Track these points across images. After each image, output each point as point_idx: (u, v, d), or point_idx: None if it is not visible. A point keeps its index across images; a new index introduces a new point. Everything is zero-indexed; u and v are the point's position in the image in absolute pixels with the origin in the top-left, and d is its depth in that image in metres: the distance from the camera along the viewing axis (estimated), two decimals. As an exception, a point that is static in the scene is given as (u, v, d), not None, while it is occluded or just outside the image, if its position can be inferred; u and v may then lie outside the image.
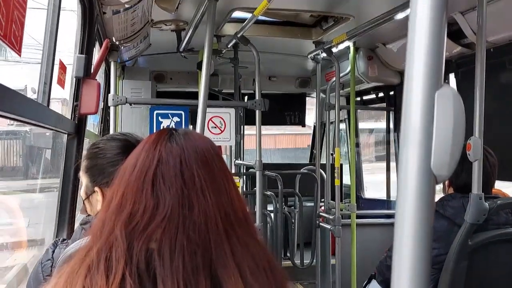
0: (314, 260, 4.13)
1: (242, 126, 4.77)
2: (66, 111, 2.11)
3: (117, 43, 2.82)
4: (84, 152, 1.42)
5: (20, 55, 1.00)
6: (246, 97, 5.21)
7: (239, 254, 0.80)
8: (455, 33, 3.01)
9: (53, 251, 1.30)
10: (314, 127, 6.18)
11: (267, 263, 0.84)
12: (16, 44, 0.96)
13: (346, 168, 5.21)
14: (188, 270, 0.76)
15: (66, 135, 2.05)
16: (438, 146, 0.51)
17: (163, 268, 0.75)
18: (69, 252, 1.02)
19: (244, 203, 0.89)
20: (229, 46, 3.71)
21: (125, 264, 0.75)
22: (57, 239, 1.38)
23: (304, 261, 4.52)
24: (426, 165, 0.51)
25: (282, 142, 17.52)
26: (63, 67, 1.80)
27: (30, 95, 1.62)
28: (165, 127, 3.45)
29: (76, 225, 2.09)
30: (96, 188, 1.31)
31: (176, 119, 3.52)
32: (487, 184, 2.17)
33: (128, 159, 0.86)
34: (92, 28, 2.17)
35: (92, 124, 3.55)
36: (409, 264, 0.50)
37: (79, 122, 2.08)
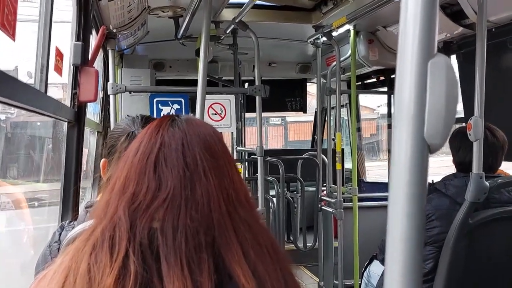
0: (317, 243, 4.16)
1: (242, 113, 4.77)
2: (66, 97, 2.11)
3: (114, 30, 2.81)
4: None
5: (14, 40, 0.99)
6: (246, 84, 5.20)
7: (242, 234, 0.81)
8: (456, 14, 2.99)
9: (60, 234, 1.31)
10: (315, 112, 6.18)
11: (270, 244, 0.84)
12: (9, 29, 0.96)
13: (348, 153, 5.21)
14: (191, 248, 0.76)
15: (66, 123, 2.05)
16: (431, 115, 0.51)
17: (166, 246, 0.76)
18: (73, 234, 1.03)
19: (245, 187, 0.89)
20: (227, 32, 3.69)
21: (128, 242, 0.76)
22: (63, 222, 1.39)
23: (307, 244, 4.56)
24: (419, 134, 0.51)
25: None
26: (59, 54, 1.79)
27: (27, 80, 1.62)
28: (165, 114, 3.45)
29: (80, 210, 2.11)
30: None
31: (176, 106, 3.52)
32: (492, 163, 2.17)
33: (131, 144, 0.88)
34: (88, 15, 2.16)
35: (93, 114, 3.55)
36: (402, 226, 0.51)
37: (79, 110, 2.08)
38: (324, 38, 3.75)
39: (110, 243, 0.77)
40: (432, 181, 2.31)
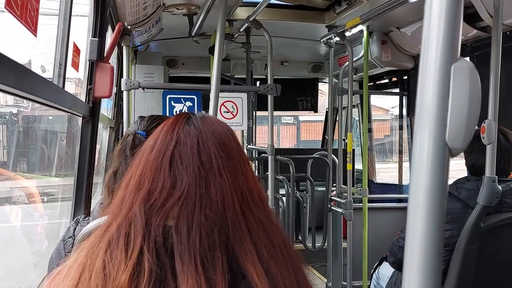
0: (326, 243, 4.16)
1: (254, 112, 4.78)
2: (79, 92, 2.14)
3: (129, 27, 2.83)
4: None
5: (36, 36, 1.01)
6: (258, 82, 5.21)
7: (255, 233, 0.81)
8: (471, 16, 2.97)
9: (75, 229, 1.33)
10: (327, 112, 6.17)
11: (283, 243, 0.84)
12: (32, 25, 0.97)
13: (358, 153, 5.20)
14: (205, 246, 0.76)
15: (81, 118, 2.07)
16: (453, 119, 0.51)
17: (180, 243, 0.76)
18: (87, 230, 1.04)
19: (260, 186, 0.90)
20: (241, 30, 3.70)
21: (143, 239, 0.76)
22: (78, 217, 1.41)
23: (316, 244, 4.55)
24: (441, 138, 0.51)
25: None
26: (77, 50, 1.81)
27: (40, 73, 1.64)
28: (178, 111, 3.47)
29: (93, 206, 2.13)
30: None
31: (188, 103, 3.53)
32: (505, 167, 2.16)
33: (147, 141, 0.88)
34: (104, 12, 2.18)
35: (106, 109, 3.57)
36: (422, 228, 0.51)
37: (94, 106, 2.10)
38: (337, 38, 3.74)
39: (125, 240, 0.77)
40: None
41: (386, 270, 2.86)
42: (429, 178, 0.52)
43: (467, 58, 3.39)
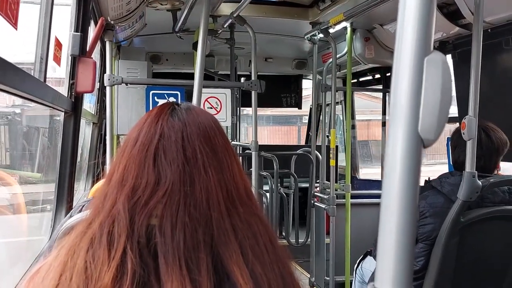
0: (309, 239, 4.18)
1: (238, 108, 4.78)
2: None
3: (112, 22, 2.81)
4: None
5: (16, 29, 1.00)
6: (242, 79, 5.20)
7: (240, 232, 0.79)
8: (452, 13, 3.01)
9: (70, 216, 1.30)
10: (310, 109, 6.20)
11: (269, 241, 0.83)
12: (12, 17, 0.97)
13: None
14: (189, 247, 0.75)
15: (63, 113, 2.06)
16: (426, 110, 0.52)
17: (164, 244, 0.75)
18: (68, 224, 1.03)
19: (246, 180, 0.88)
20: (225, 26, 3.70)
21: (126, 239, 0.75)
22: (86, 200, 1.38)
23: (299, 240, 4.58)
24: (413, 129, 0.52)
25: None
26: (58, 44, 1.80)
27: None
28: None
29: (75, 203, 2.12)
30: None
31: (172, 99, 3.52)
32: (485, 165, 2.18)
33: (130, 132, 0.85)
34: (87, 6, 2.16)
35: (89, 105, 3.55)
36: (395, 218, 0.52)
37: (76, 100, 2.09)
38: (321, 35, 3.76)
39: (108, 238, 0.75)
40: (429, 178, 2.33)
41: (369, 265, 2.89)
42: (403, 168, 0.53)
43: (449, 56, 3.43)
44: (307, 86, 6.16)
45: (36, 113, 2.69)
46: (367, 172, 5.38)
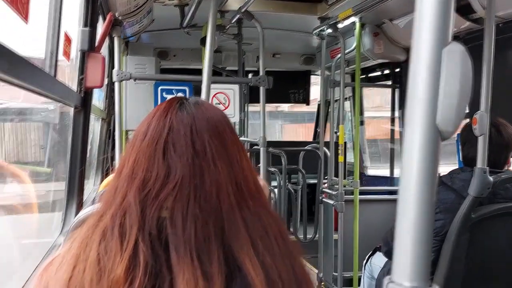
0: (317, 235, 4.18)
1: (246, 104, 4.77)
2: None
3: (120, 18, 2.81)
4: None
5: (27, 23, 1.00)
6: (250, 75, 5.19)
7: (251, 225, 0.80)
8: (463, 8, 2.98)
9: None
10: (319, 105, 6.18)
11: (279, 234, 0.83)
12: (22, 11, 0.96)
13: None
14: (200, 239, 0.75)
15: (72, 108, 2.06)
16: (444, 102, 0.51)
17: (175, 236, 0.75)
18: (80, 217, 1.04)
19: (255, 174, 0.88)
20: (233, 22, 3.69)
21: (138, 230, 0.75)
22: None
23: (307, 236, 4.58)
24: (431, 121, 0.51)
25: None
26: (68, 40, 1.80)
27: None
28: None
29: (85, 197, 2.12)
30: None
31: (180, 95, 3.52)
32: (495, 161, 2.16)
33: (139, 127, 0.86)
34: (95, 2, 2.16)
35: (98, 101, 3.55)
36: (413, 211, 0.51)
37: (85, 96, 2.09)
38: (329, 30, 3.74)
39: (120, 230, 0.76)
40: (439, 174, 2.31)
41: (378, 260, 2.88)
42: (420, 160, 0.52)
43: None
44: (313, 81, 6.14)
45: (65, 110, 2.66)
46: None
